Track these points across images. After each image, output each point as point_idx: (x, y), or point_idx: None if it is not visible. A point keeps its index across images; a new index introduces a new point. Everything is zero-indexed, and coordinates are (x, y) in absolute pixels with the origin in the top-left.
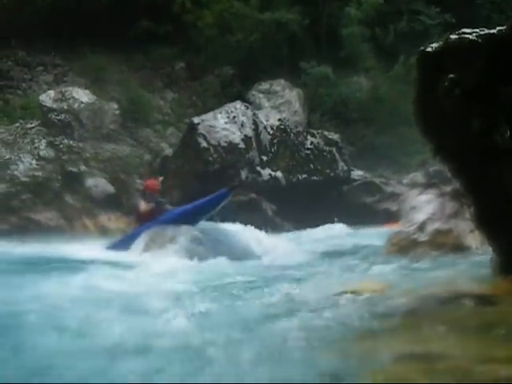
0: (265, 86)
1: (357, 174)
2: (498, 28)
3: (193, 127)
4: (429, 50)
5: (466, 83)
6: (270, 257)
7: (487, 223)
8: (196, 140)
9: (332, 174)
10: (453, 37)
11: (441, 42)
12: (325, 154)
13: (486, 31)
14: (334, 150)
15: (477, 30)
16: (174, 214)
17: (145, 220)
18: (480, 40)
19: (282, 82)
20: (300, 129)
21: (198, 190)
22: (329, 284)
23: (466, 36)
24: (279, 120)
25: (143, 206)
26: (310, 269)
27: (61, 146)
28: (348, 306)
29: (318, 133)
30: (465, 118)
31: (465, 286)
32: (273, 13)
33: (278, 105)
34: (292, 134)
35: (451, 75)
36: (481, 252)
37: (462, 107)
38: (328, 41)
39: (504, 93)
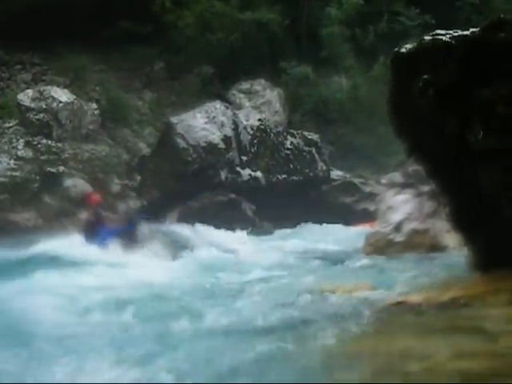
0: (245, 85)
1: (336, 174)
2: (471, 30)
3: (170, 127)
4: (403, 51)
5: (439, 84)
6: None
7: (462, 223)
8: (174, 140)
9: (311, 174)
10: (427, 38)
11: (415, 43)
12: (304, 154)
13: (460, 33)
14: (314, 150)
15: (450, 32)
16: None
17: (87, 229)
18: (453, 41)
19: (263, 81)
20: (280, 129)
21: (176, 190)
22: (303, 282)
23: (440, 37)
24: (259, 120)
25: (86, 217)
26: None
27: (39, 145)
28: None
29: (297, 133)
30: (439, 118)
31: (438, 286)
32: (253, 12)
33: (258, 105)
34: (272, 134)
35: (425, 76)
36: (457, 251)
37: (436, 108)
38: (308, 41)
39: (477, 94)
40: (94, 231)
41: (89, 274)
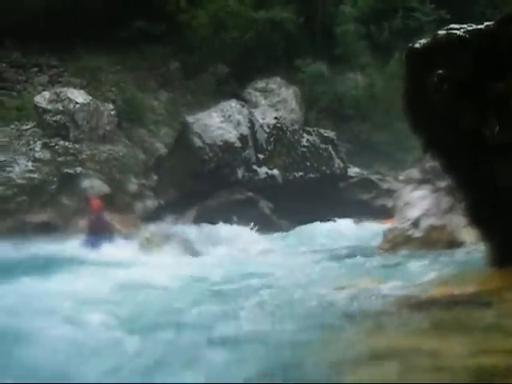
0: (261, 84)
1: (353, 170)
2: (485, 24)
3: (187, 126)
4: (417, 46)
5: (454, 78)
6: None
7: (479, 217)
8: (190, 139)
9: (328, 172)
10: (441, 33)
11: (429, 38)
12: (321, 151)
13: (474, 27)
14: (330, 147)
15: (465, 26)
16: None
17: (91, 231)
18: (468, 36)
19: (278, 79)
20: (296, 127)
21: (193, 189)
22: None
23: (454, 32)
24: (275, 118)
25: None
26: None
27: (56, 147)
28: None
29: (313, 130)
30: (454, 113)
31: (458, 282)
32: (267, 11)
33: (274, 103)
34: (288, 132)
35: (439, 71)
36: (475, 247)
37: (451, 103)
38: (323, 38)
39: (492, 88)
40: (94, 236)
41: (124, 273)
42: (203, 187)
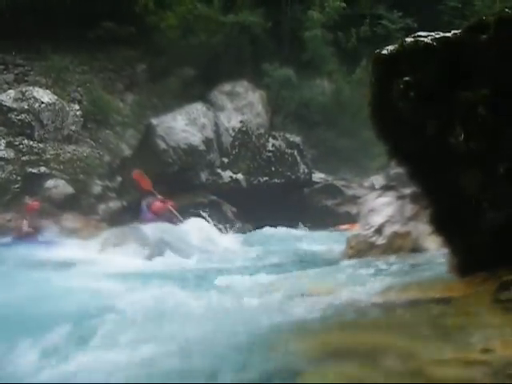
0: (227, 87)
1: (318, 176)
2: (453, 32)
3: (151, 128)
4: (384, 52)
5: (420, 86)
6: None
7: (443, 225)
8: (154, 141)
9: (293, 177)
10: (408, 40)
11: (396, 45)
12: (286, 156)
13: (442, 35)
14: (296, 152)
15: (432, 34)
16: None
17: (27, 234)
18: (435, 43)
19: (245, 83)
20: (262, 131)
21: (157, 191)
22: (283, 285)
23: (422, 39)
24: (241, 122)
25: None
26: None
27: (21, 146)
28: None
29: (279, 135)
30: (420, 120)
31: (418, 288)
32: (236, 15)
33: (240, 106)
34: (254, 136)
35: (406, 78)
36: (438, 254)
37: (417, 110)
38: (291, 43)
39: (459, 96)
40: (29, 238)
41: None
42: (166, 189)
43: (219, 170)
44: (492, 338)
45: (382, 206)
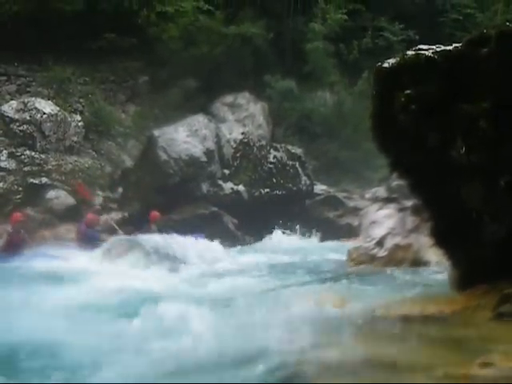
0: (229, 99)
1: (320, 188)
2: (454, 45)
3: (153, 140)
4: (385, 65)
5: (422, 99)
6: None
7: (444, 238)
8: (156, 153)
9: (295, 189)
10: (409, 53)
11: (397, 58)
12: (288, 168)
13: (442, 48)
14: (297, 164)
15: (433, 47)
16: None
17: (10, 245)
18: (436, 56)
19: (247, 95)
20: (263, 142)
21: (157, 203)
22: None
23: (423, 52)
24: (242, 133)
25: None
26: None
27: (22, 157)
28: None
29: (281, 147)
30: (421, 133)
31: (418, 301)
32: (238, 26)
33: (241, 118)
34: (255, 148)
35: (408, 91)
36: (440, 267)
37: (419, 123)
38: (293, 55)
39: (460, 109)
40: (13, 249)
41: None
42: (167, 201)
43: (220, 182)
44: (492, 351)
45: (384, 218)
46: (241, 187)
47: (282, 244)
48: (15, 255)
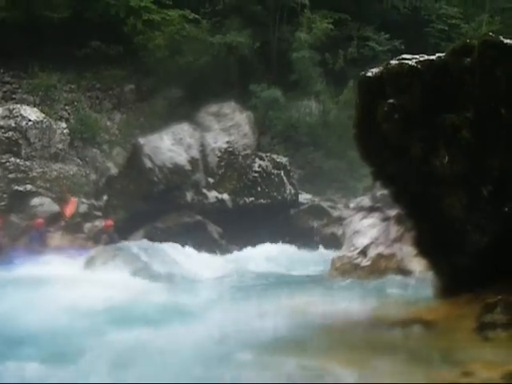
0: (214, 108)
1: (304, 197)
2: (437, 55)
3: (138, 148)
4: (369, 74)
5: (405, 109)
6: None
7: (427, 247)
8: (141, 160)
9: (279, 198)
10: (393, 62)
11: (381, 67)
12: (273, 177)
13: (426, 57)
14: (282, 173)
15: (416, 57)
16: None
17: None
18: (419, 66)
19: (232, 104)
20: (248, 151)
21: (142, 210)
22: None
23: (406, 62)
24: (227, 142)
25: None
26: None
27: (7, 164)
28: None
29: (266, 156)
30: (404, 142)
31: (401, 310)
32: (223, 36)
33: (227, 127)
34: (240, 157)
35: (391, 100)
36: (423, 276)
37: (402, 132)
38: (278, 64)
39: (443, 118)
40: None
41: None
42: (152, 209)
43: (205, 190)
44: (473, 360)
45: (367, 227)
46: (225, 196)
47: (266, 253)
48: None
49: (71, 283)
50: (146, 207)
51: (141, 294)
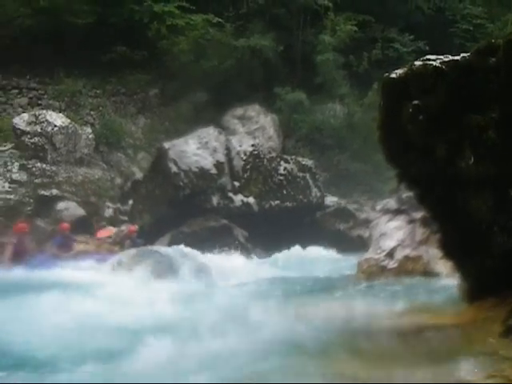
0: (239, 111)
1: (330, 200)
2: (462, 55)
3: (163, 152)
4: (393, 76)
5: (430, 109)
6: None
7: (453, 250)
8: (166, 165)
9: (305, 200)
10: (417, 63)
11: (405, 68)
12: (298, 179)
13: (450, 58)
14: (308, 175)
15: (441, 57)
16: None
17: (14, 255)
18: (444, 67)
19: (257, 107)
20: (273, 154)
21: (167, 215)
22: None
23: (431, 62)
24: (253, 145)
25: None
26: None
27: (33, 169)
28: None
29: (291, 158)
30: (429, 144)
31: (427, 314)
32: (247, 39)
33: (252, 130)
34: (265, 160)
35: (415, 101)
36: (450, 278)
37: (426, 133)
38: (303, 67)
39: (468, 119)
40: (18, 258)
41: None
42: (178, 213)
43: (230, 194)
44: (500, 364)
45: (393, 229)
46: (251, 199)
47: (292, 256)
48: (20, 265)
49: (97, 288)
50: (171, 212)
51: (174, 298)
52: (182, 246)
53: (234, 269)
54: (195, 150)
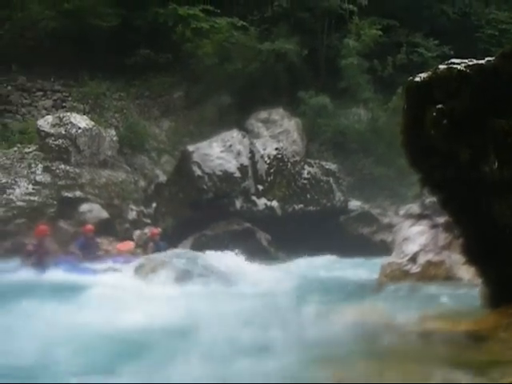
0: (263, 114)
1: (354, 204)
2: (486, 59)
3: (187, 155)
4: (417, 79)
5: (453, 114)
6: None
7: (476, 255)
8: (190, 168)
9: (329, 204)
10: (441, 67)
11: (429, 72)
12: (322, 183)
13: (475, 62)
14: (331, 180)
15: (465, 61)
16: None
17: (35, 257)
18: (468, 70)
19: (281, 111)
20: (297, 158)
21: (191, 218)
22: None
23: (455, 66)
24: (276, 149)
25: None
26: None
27: (57, 171)
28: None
29: (315, 163)
30: (453, 148)
31: (451, 318)
32: (272, 43)
33: (276, 134)
34: (289, 164)
35: (439, 105)
36: (472, 284)
37: (450, 138)
38: (327, 71)
39: (492, 124)
40: (38, 260)
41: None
42: (201, 217)
43: (254, 198)
44: None
45: (416, 234)
46: (274, 203)
47: (315, 260)
48: (40, 268)
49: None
50: (194, 215)
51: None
52: (204, 250)
53: (257, 273)
54: (219, 153)
